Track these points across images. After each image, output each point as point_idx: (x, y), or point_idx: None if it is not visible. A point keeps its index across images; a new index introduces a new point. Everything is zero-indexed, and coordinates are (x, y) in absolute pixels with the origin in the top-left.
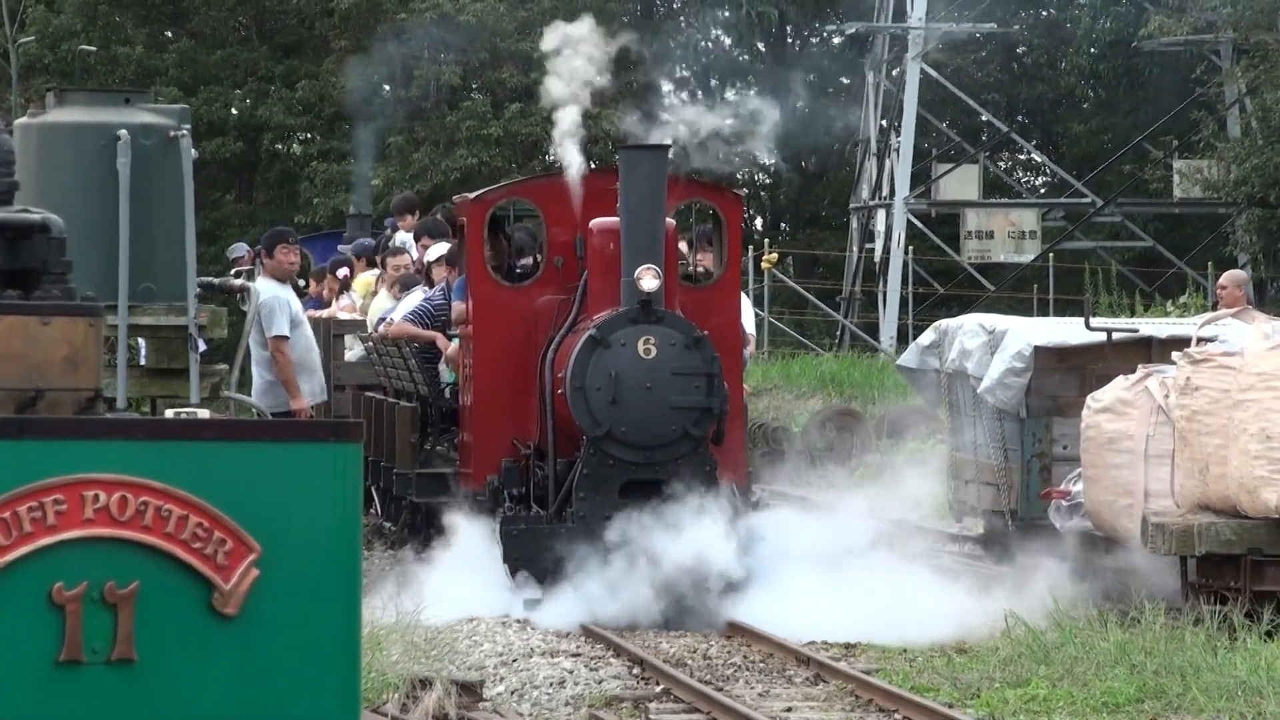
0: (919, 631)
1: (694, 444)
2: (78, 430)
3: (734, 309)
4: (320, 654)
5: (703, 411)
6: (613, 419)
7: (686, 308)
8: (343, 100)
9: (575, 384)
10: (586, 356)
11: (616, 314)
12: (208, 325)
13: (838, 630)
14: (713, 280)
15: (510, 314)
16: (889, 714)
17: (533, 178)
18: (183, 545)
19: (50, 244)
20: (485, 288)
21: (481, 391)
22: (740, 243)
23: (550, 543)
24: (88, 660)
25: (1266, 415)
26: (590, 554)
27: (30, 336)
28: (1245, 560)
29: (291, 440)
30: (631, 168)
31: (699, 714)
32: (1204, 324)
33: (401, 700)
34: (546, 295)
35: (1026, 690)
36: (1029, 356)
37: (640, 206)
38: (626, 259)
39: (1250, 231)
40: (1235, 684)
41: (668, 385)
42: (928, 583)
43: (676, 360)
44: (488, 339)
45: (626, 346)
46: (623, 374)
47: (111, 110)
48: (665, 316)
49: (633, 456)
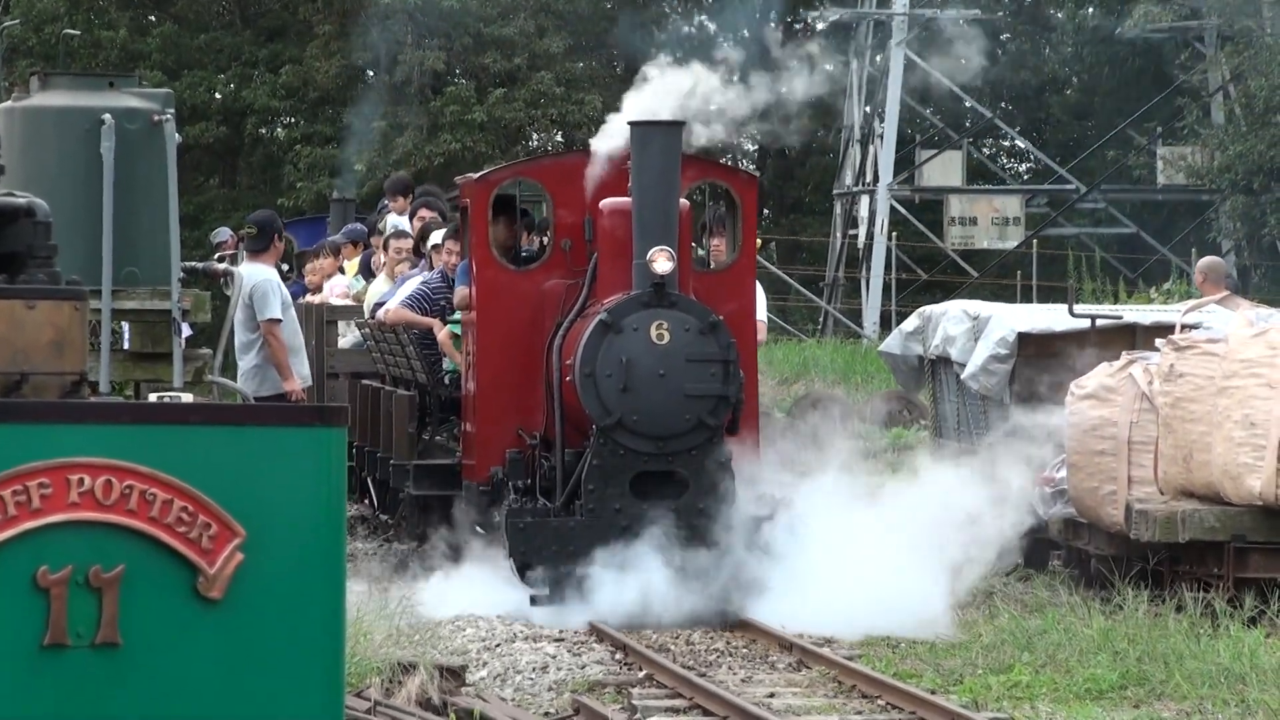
0: (905, 618)
1: (709, 434)
2: (63, 414)
3: (748, 295)
4: (304, 638)
5: (718, 400)
6: (624, 407)
7: (699, 293)
8: (326, 84)
9: (585, 371)
10: (597, 342)
11: (628, 298)
12: (191, 310)
13: (841, 624)
14: (726, 264)
15: (515, 298)
16: (871, 700)
17: (538, 157)
18: (167, 529)
19: (35, 228)
20: (490, 271)
21: (485, 379)
22: (755, 226)
23: (558, 537)
24: (72, 644)
25: (1250, 402)
26: (600, 549)
27: (15, 320)
28: (1228, 547)
29: (275, 425)
30: (644, 145)
31: (682, 699)
32: (1188, 311)
33: (385, 684)
34: (553, 279)
35: (1009, 677)
36: (1012, 343)
37: (653, 185)
38: (639, 240)
39: (1234, 218)
40: (1218, 671)
41: (682, 372)
42: (922, 571)
43: (691, 346)
44: (492, 324)
45: (639, 331)
46: (634, 360)
47: (95, 94)
48: (679, 300)
49: (645, 447)
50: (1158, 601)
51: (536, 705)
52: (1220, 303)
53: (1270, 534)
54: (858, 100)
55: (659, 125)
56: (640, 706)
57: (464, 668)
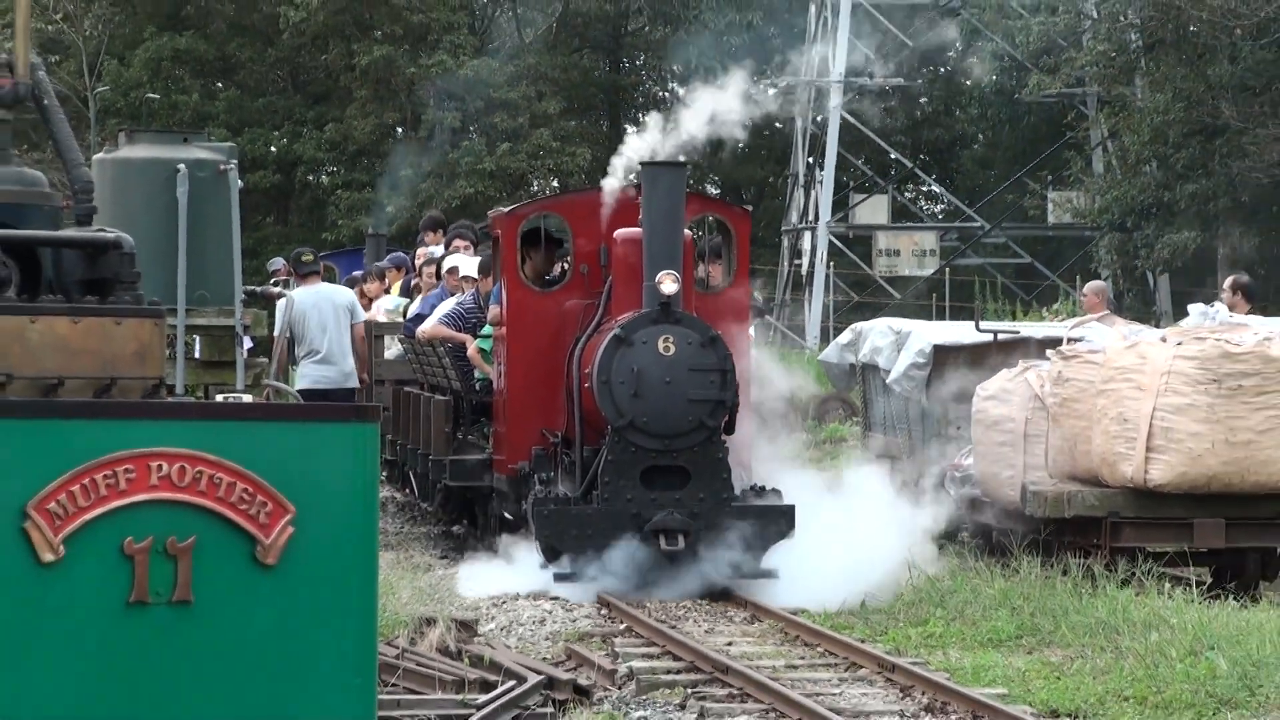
0: (852, 585)
1: (708, 433)
2: (144, 411)
3: (742, 314)
4: (344, 596)
5: (716, 404)
6: (635, 410)
7: (699, 311)
8: (363, 139)
9: (601, 378)
10: (611, 353)
11: (639, 315)
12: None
13: (818, 597)
14: (722, 287)
15: (541, 316)
16: (812, 647)
17: (560, 195)
18: (231, 507)
19: (122, 258)
20: (518, 293)
21: (514, 386)
22: (748, 254)
23: (578, 522)
24: (152, 601)
25: (1123, 402)
26: (614, 532)
27: (105, 334)
28: (1106, 522)
29: (320, 420)
30: (653, 183)
31: (656, 647)
32: (1073, 327)
33: (411, 635)
34: (573, 299)
35: (925, 629)
36: (929, 353)
37: (661, 218)
38: (648, 265)
39: (1111, 251)
40: (1096, 623)
41: (685, 380)
42: (861, 546)
43: (693, 357)
44: (520, 338)
45: (648, 344)
46: (644, 369)
47: (172, 148)
48: (683, 318)
49: (653, 444)
50: (1048, 567)
51: (535, 651)
52: (1100, 320)
53: (1140, 511)
54: (802, 151)
55: (666, 166)
56: (621, 653)
57: (476, 621)
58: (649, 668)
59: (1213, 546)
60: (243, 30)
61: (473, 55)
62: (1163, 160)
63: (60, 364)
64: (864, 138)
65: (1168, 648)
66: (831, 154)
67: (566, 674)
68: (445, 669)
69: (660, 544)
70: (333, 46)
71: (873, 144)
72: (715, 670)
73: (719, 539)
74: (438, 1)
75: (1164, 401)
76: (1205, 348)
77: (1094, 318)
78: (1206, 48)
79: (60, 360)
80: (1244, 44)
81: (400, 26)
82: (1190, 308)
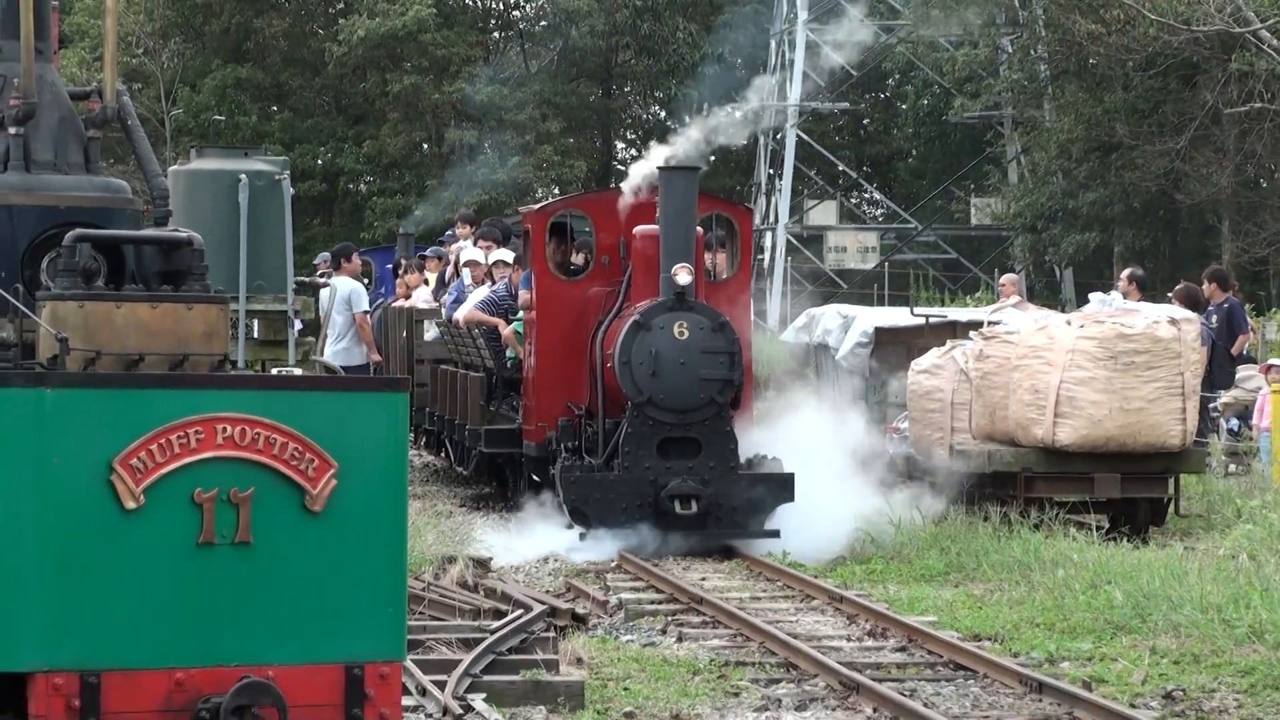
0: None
1: (718, 409)
2: (212, 382)
3: (745, 302)
4: (379, 538)
5: (725, 382)
6: (652, 388)
7: (706, 299)
8: (395, 154)
9: (622, 359)
10: (631, 337)
11: (656, 303)
12: (301, 310)
13: (807, 548)
14: (727, 277)
15: (566, 302)
16: (772, 581)
17: (584, 194)
18: (284, 462)
19: (193, 254)
20: (546, 281)
21: (543, 364)
22: (751, 248)
23: (601, 487)
24: (218, 542)
25: (1035, 376)
26: (633, 497)
27: (179, 318)
28: (1020, 476)
29: (358, 390)
30: (669, 185)
31: (641, 581)
32: (993, 312)
33: (435, 571)
34: (596, 287)
35: (868, 567)
36: (871, 334)
37: (676, 216)
38: (665, 258)
39: (1024, 249)
40: (1012, 561)
41: (698, 361)
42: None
43: (705, 341)
44: (548, 322)
45: (664, 329)
46: (661, 351)
47: (235, 161)
48: (696, 305)
49: (668, 418)
50: (972, 514)
51: (540, 585)
52: (1015, 306)
53: (1049, 467)
54: (764, 164)
55: (681, 170)
56: (612, 586)
57: (490, 559)
58: (636, 599)
59: (1110, 497)
60: (294, 62)
61: (487, 83)
62: (1067, 172)
63: (141, 342)
64: (816, 153)
65: (1072, 582)
66: (789, 166)
67: (566, 604)
68: (464, 600)
69: (675, 508)
70: (370, 76)
71: (824, 158)
72: (691, 601)
73: (727, 503)
74: (458, 38)
75: (1069, 375)
76: (1104, 330)
77: (1010, 304)
78: (1104, 77)
79: (141, 339)
80: (1136, 74)
81: (426, 59)
82: (1091, 296)
